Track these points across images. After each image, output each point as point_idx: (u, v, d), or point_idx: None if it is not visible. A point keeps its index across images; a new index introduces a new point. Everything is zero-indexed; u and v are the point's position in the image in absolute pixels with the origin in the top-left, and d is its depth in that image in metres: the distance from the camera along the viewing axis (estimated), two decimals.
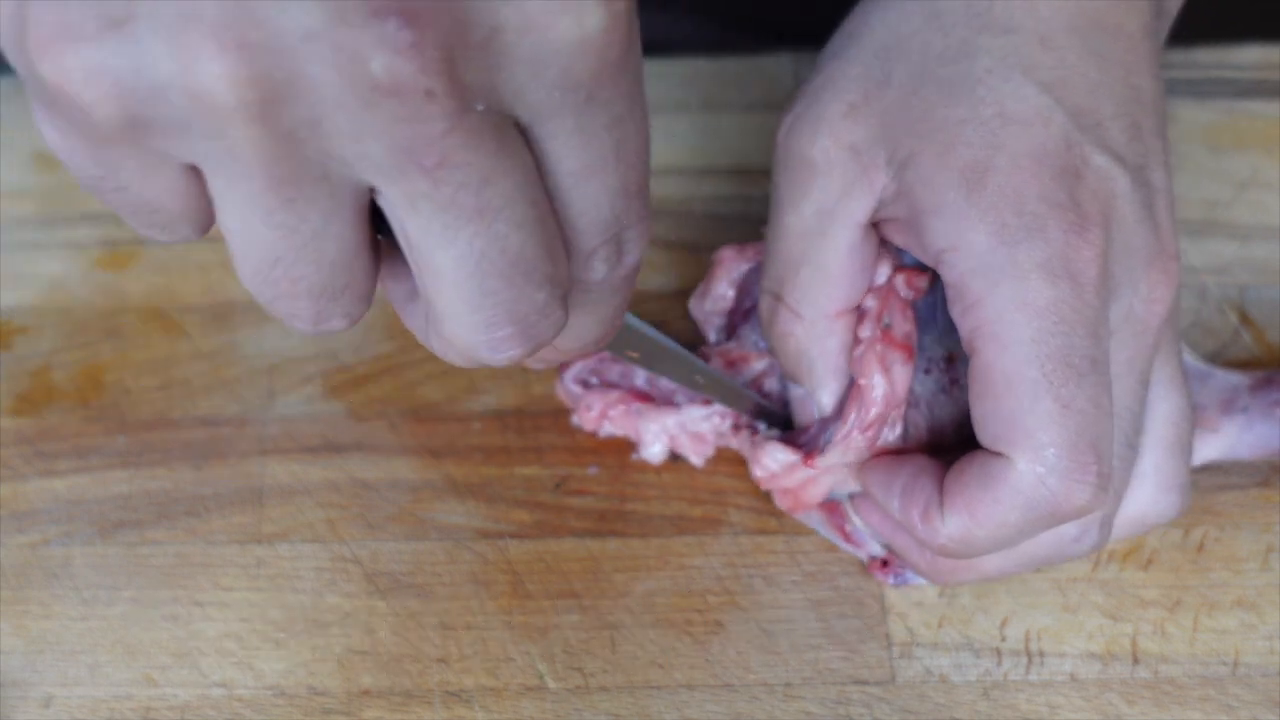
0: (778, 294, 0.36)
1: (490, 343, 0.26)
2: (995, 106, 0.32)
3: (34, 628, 0.38)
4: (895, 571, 0.38)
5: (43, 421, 0.42)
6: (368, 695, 0.37)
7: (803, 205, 0.35)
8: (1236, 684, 0.37)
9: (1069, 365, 0.31)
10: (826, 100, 0.34)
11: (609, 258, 0.27)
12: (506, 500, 0.41)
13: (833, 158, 0.34)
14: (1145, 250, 0.32)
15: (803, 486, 0.38)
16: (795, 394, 0.38)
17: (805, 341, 0.36)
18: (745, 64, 0.51)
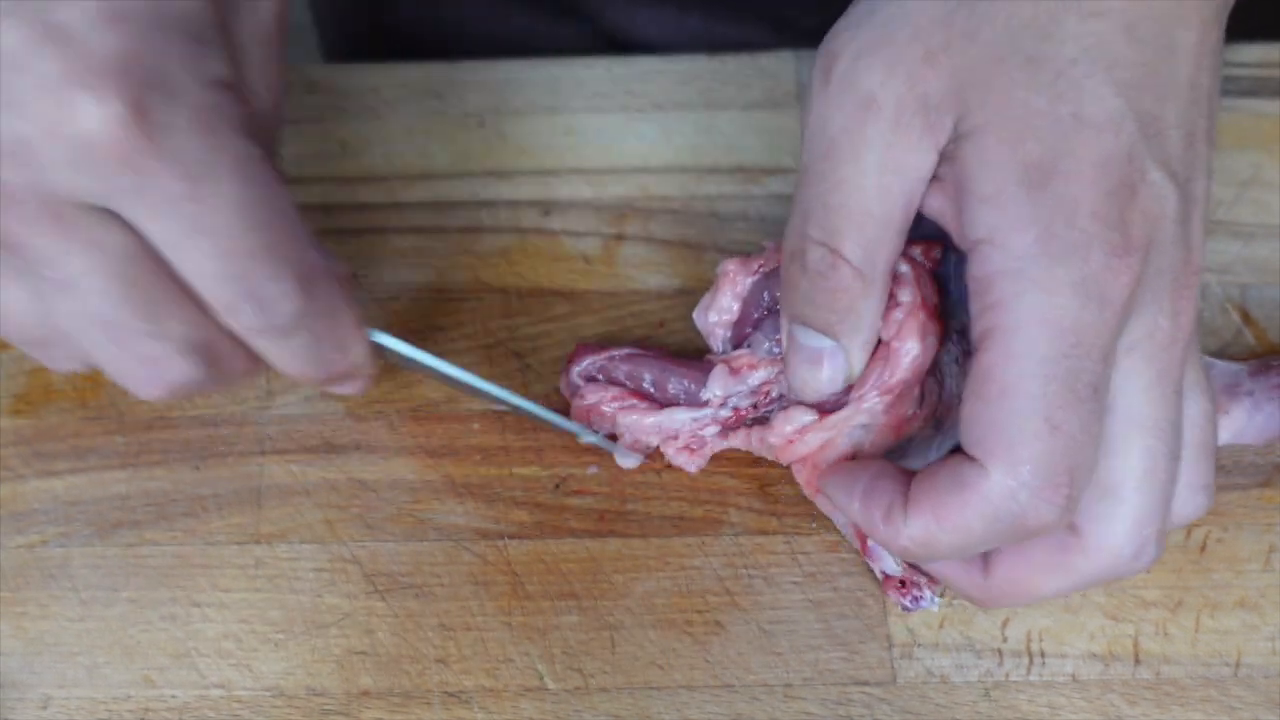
0: (834, 247, 0.33)
1: (129, 386, 0.33)
2: (1073, 105, 0.31)
3: (32, 628, 0.38)
4: (912, 594, 0.37)
5: (41, 422, 0.42)
6: (367, 696, 0.37)
7: (865, 155, 0.32)
8: (1238, 685, 0.37)
9: (1072, 390, 0.31)
10: (903, 40, 0.32)
11: (254, 310, 0.31)
12: (506, 500, 0.40)
13: (904, 105, 0.32)
14: (1174, 270, 0.32)
15: (820, 450, 0.37)
16: (803, 374, 0.37)
17: (860, 298, 0.34)
18: (745, 63, 0.51)
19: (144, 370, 0.32)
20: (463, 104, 0.50)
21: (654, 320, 0.44)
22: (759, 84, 0.50)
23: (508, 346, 0.44)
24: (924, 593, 0.37)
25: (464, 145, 0.49)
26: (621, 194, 0.47)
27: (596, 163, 0.48)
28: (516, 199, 0.47)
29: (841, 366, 0.36)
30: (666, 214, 0.47)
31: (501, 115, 0.50)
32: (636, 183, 0.48)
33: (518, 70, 0.51)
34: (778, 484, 0.41)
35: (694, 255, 0.46)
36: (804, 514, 0.40)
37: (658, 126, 0.49)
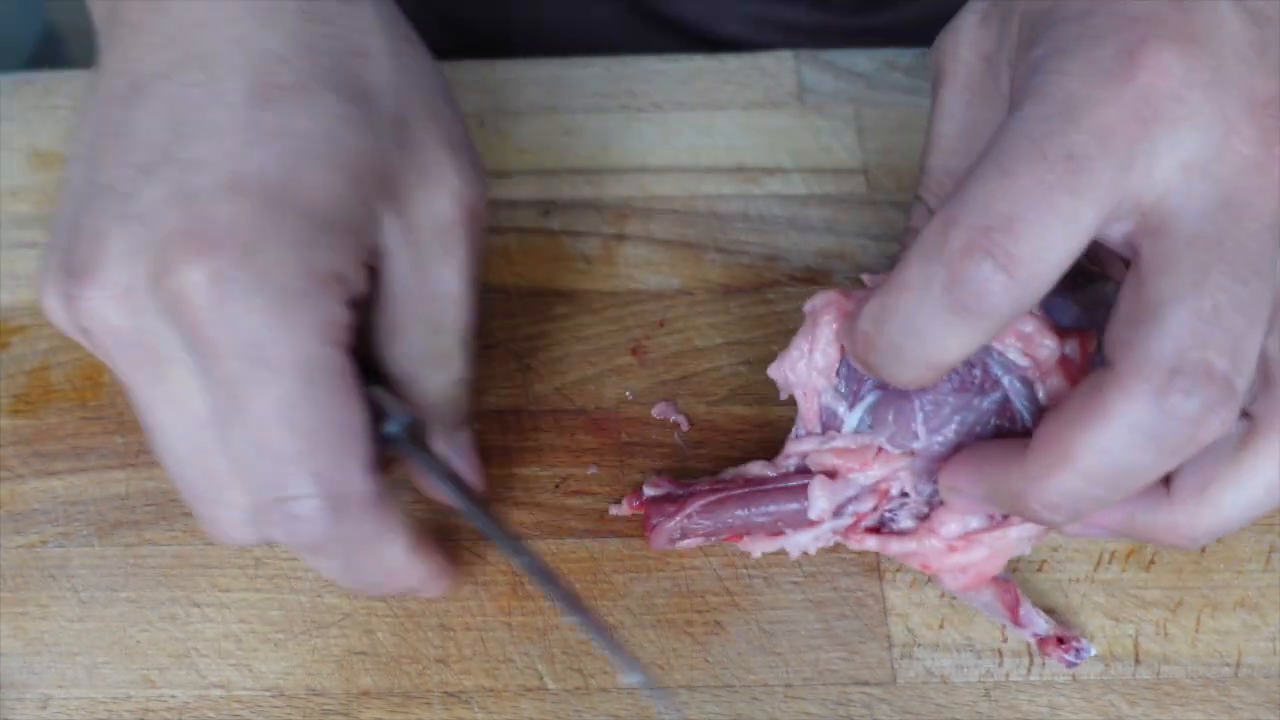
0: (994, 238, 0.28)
1: (213, 537, 0.33)
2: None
3: (32, 628, 0.38)
4: (1073, 648, 0.37)
5: (40, 422, 0.42)
6: (367, 696, 0.37)
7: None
8: (1239, 685, 0.37)
9: (1230, 269, 0.28)
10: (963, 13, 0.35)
11: (282, 521, 0.30)
12: (506, 501, 0.40)
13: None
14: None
15: (988, 559, 0.35)
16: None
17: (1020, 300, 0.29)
18: (745, 63, 0.51)
19: (220, 529, 0.32)
20: (463, 104, 0.50)
21: (654, 320, 0.44)
22: (759, 84, 0.51)
23: (508, 347, 0.44)
24: (1082, 643, 0.37)
25: None
26: (621, 194, 0.47)
27: (596, 163, 0.48)
28: (516, 199, 0.47)
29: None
30: (666, 214, 0.47)
31: (501, 115, 0.50)
32: (636, 183, 0.48)
33: (518, 70, 0.51)
34: None
35: (694, 255, 0.46)
36: None
37: (658, 126, 0.49)
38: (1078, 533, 0.35)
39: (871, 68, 0.51)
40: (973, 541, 0.35)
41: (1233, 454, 0.31)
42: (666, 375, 0.43)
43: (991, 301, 0.28)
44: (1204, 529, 0.32)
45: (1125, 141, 0.28)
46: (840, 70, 0.51)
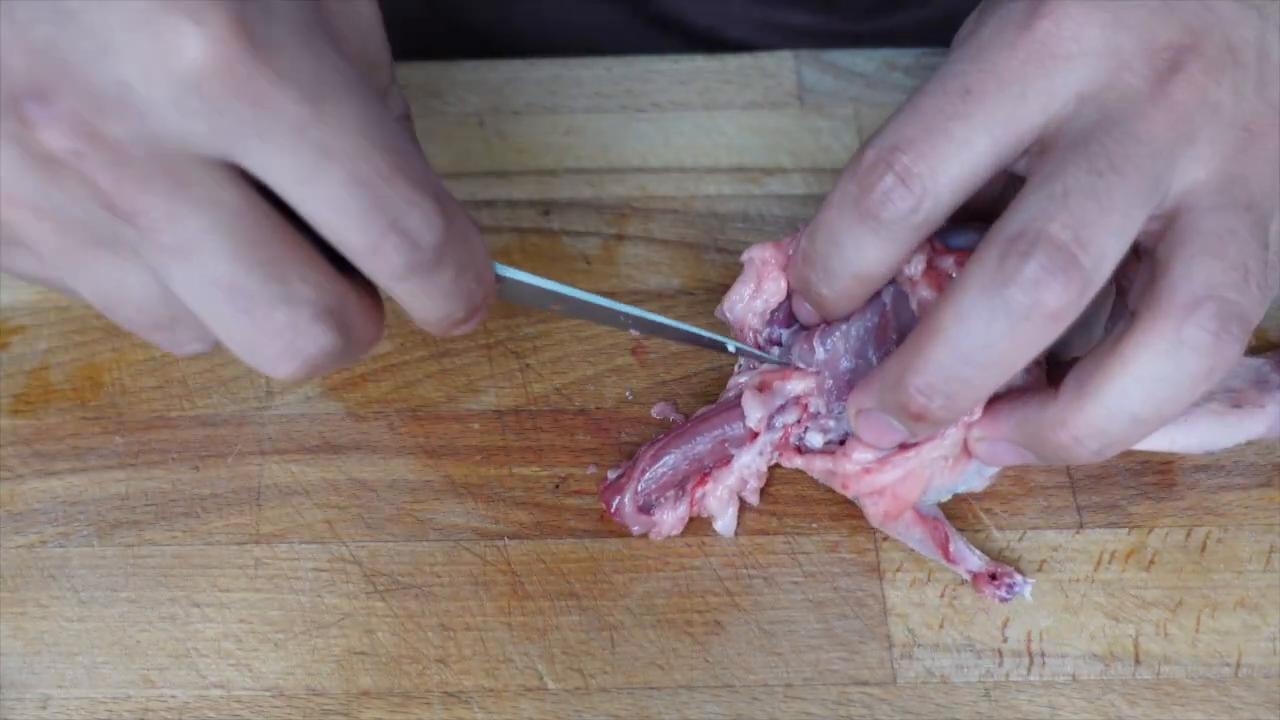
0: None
1: (260, 363, 0.29)
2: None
3: (31, 628, 0.38)
4: (1005, 584, 0.38)
5: (40, 422, 0.42)
6: (367, 696, 0.37)
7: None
8: (1239, 685, 0.37)
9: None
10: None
11: (400, 247, 0.28)
12: (506, 500, 0.40)
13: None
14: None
15: (902, 482, 0.37)
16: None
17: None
18: (746, 62, 0.51)
19: (276, 343, 0.29)
20: (463, 104, 0.50)
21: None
22: (759, 84, 0.50)
23: (507, 346, 0.44)
24: (1015, 578, 0.38)
25: (464, 145, 0.49)
26: (621, 194, 0.47)
27: (596, 163, 0.48)
28: (516, 199, 0.47)
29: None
30: (666, 214, 0.47)
31: (501, 115, 0.50)
32: (636, 183, 0.48)
33: (518, 70, 0.51)
34: (778, 484, 0.41)
35: (694, 255, 0.46)
36: (804, 514, 0.40)
37: (658, 126, 0.49)
38: (990, 458, 0.36)
39: (871, 68, 0.51)
40: (886, 463, 0.37)
41: (1111, 347, 0.32)
42: (666, 375, 0.43)
43: (893, 209, 0.32)
44: (1088, 428, 0.32)
45: (1019, 79, 0.32)
46: (840, 70, 0.51)
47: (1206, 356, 0.31)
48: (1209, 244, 0.31)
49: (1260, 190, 0.32)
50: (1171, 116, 0.31)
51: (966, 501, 0.40)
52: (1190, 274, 0.31)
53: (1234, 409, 0.39)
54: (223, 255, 0.27)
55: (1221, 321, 0.31)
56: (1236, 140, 0.32)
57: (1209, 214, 0.31)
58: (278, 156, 0.27)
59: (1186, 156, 0.32)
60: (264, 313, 0.28)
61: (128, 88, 0.26)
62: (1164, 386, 0.31)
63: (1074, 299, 0.30)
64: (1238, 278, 0.31)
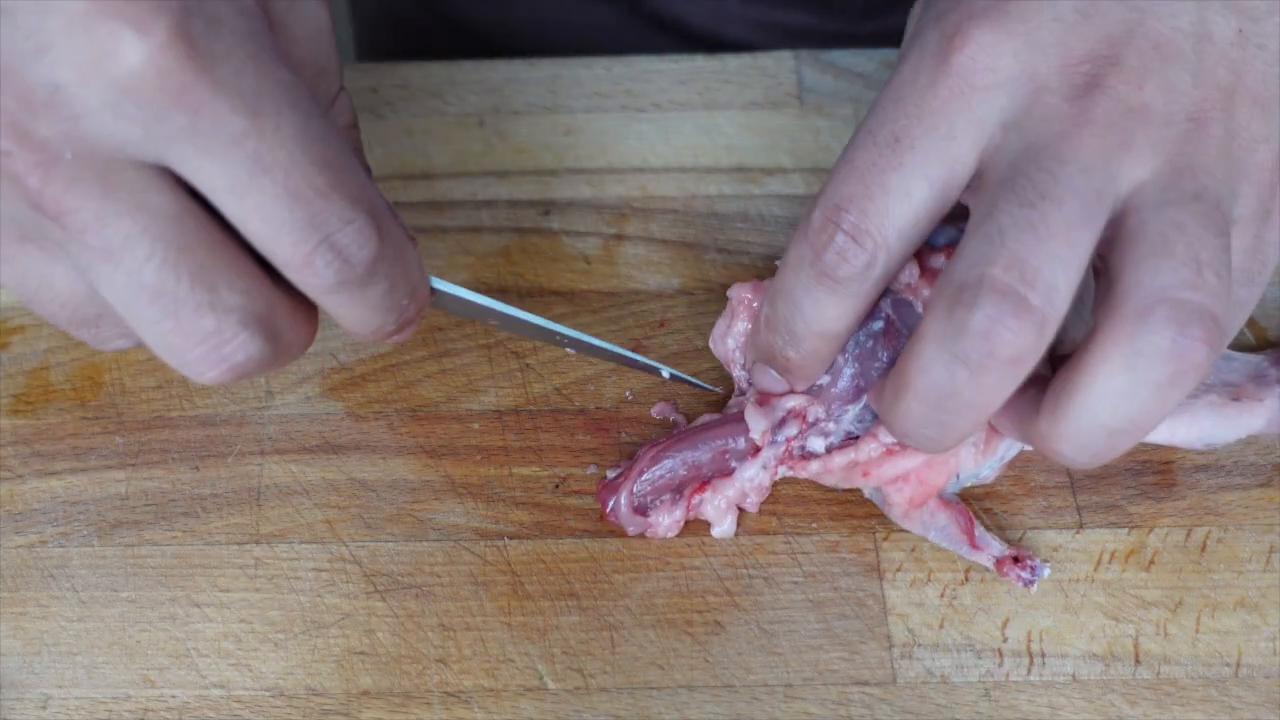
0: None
1: (184, 366, 0.29)
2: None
3: (31, 628, 0.38)
4: (1028, 566, 0.38)
5: (40, 421, 0.42)
6: (367, 696, 0.37)
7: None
8: (1239, 685, 0.37)
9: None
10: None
11: (331, 262, 0.28)
12: (506, 500, 0.40)
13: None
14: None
15: (927, 467, 0.37)
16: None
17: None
18: (745, 63, 0.51)
19: (201, 349, 0.29)
20: (462, 104, 0.50)
21: (654, 320, 0.44)
22: (759, 84, 0.50)
23: (507, 346, 0.44)
24: (1036, 562, 0.38)
25: (464, 145, 0.49)
26: (621, 194, 0.47)
27: (596, 163, 0.48)
28: (516, 199, 0.47)
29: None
30: (666, 214, 0.47)
31: (501, 115, 0.50)
32: (636, 183, 0.48)
33: (518, 70, 0.51)
34: (778, 484, 0.41)
35: (694, 255, 0.46)
36: (804, 514, 0.40)
37: (658, 126, 0.49)
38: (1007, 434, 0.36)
39: (871, 68, 0.51)
40: (909, 449, 0.37)
41: (1072, 365, 0.31)
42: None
43: (848, 268, 0.32)
44: (1067, 441, 0.32)
45: (944, 118, 0.32)
46: (840, 70, 0.51)
47: (1167, 363, 0.30)
48: (1155, 244, 0.30)
49: (1210, 176, 0.31)
50: (1098, 131, 0.31)
51: (967, 501, 0.40)
52: (1139, 280, 0.30)
53: (1233, 402, 0.40)
54: (150, 260, 0.27)
55: (1178, 325, 0.29)
56: (1178, 134, 0.31)
57: (1154, 211, 0.31)
58: (212, 166, 0.27)
59: (1125, 164, 0.31)
60: (190, 318, 0.28)
61: (61, 90, 0.25)
62: (1129, 400, 0.30)
63: (1031, 340, 0.30)
64: (1190, 274, 0.30)
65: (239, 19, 0.27)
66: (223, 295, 0.28)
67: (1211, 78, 0.32)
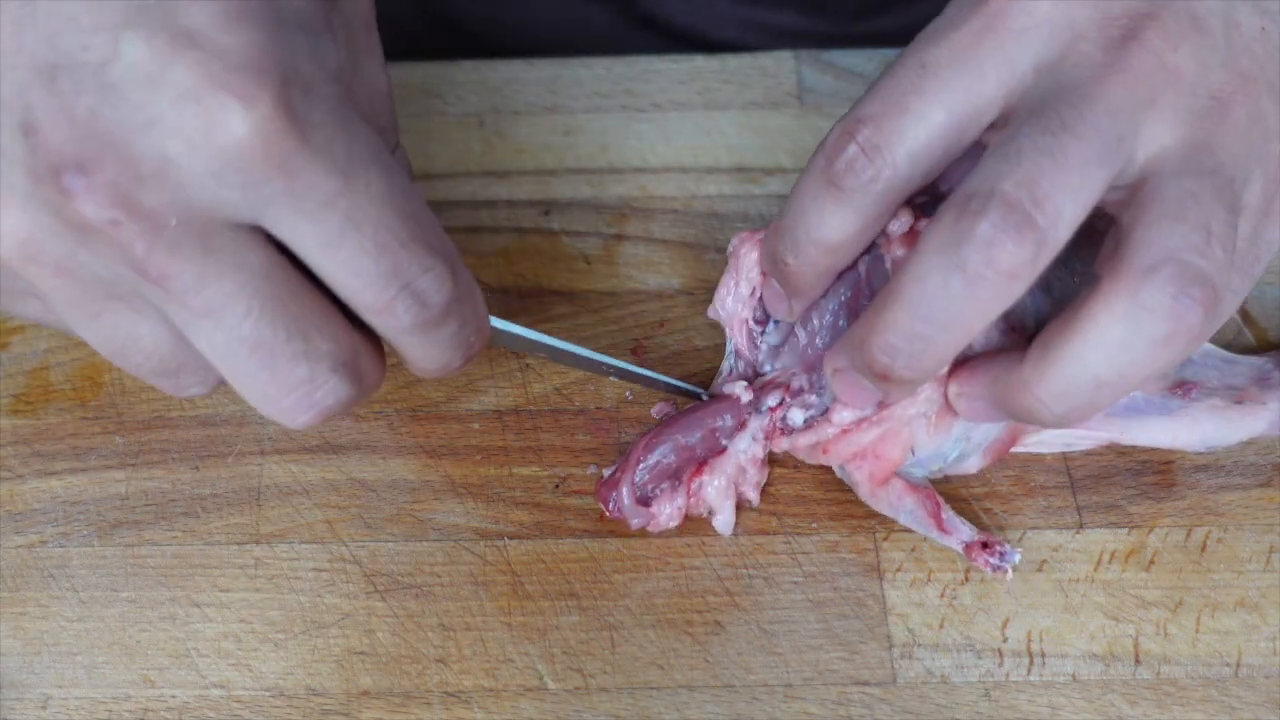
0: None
1: (277, 414, 0.30)
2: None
3: (31, 628, 0.38)
4: (998, 551, 0.38)
5: (40, 421, 0.42)
6: (367, 696, 0.37)
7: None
8: (1239, 685, 0.37)
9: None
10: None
11: (408, 307, 0.30)
12: (506, 500, 0.40)
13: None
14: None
15: (881, 442, 0.38)
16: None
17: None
18: (746, 63, 0.51)
19: (294, 396, 0.30)
20: (462, 104, 0.50)
21: (654, 320, 0.44)
22: (759, 84, 0.51)
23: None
24: (1006, 548, 0.38)
25: (463, 145, 0.49)
26: (621, 194, 0.47)
27: (596, 163, 0.48)
28: (516, 199, 0.47)
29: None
30: (666, 214, 0.47)
31: (501, 115, 0.50)
32: (636, 183, 0.48)
33: (518, 70, 0.51)
34: (777, 484, 0.41)
35: (694, 255, 0.46)
36: (804, 514, 0.40)
37: (658, 126, 0.49)
38: (969, 413, 0.37)
39: (871, 68, 0.51)
40: (864, 423, 0.38)
41: (1071, 313, 0.32)
42: (666, 375, 0.43)
43: (855, 178, 0.33)
44: (1051, 391, 0.32)
45: (974, 54, 0.32)
46: (840, 70, 0.51)
47: (1165, 320, 0.31)
48: (1170, 208, 0.31)
49: (1228, 156, 0.32)
50: (1129, 81, 0.31)
51: (967, 501, 0.40)
52: (1150, 239, 0.31)
53: (1235, 405, 0.40)
54: (249, 316, 0.29)
55: (1180, 284, 0.30)
56: (1203, 108, 0.32)
57: (1171, 179, 0.31)
58: (307, 225, 0.28)
59: (1149, 120, 0.32)
60: (286, 368, 0.29)
61: (170, 161, 0.27)
62: (1124, 351, 0.31)
63: (1029, 257, 0.30)
64: (1199, 240, 0.31)
65: (327, 85, 0.28)
66: (315, 344, 0.30)
67: (1236, 63, 0.33)
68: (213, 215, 0.28)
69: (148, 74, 0.26)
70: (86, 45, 0.26)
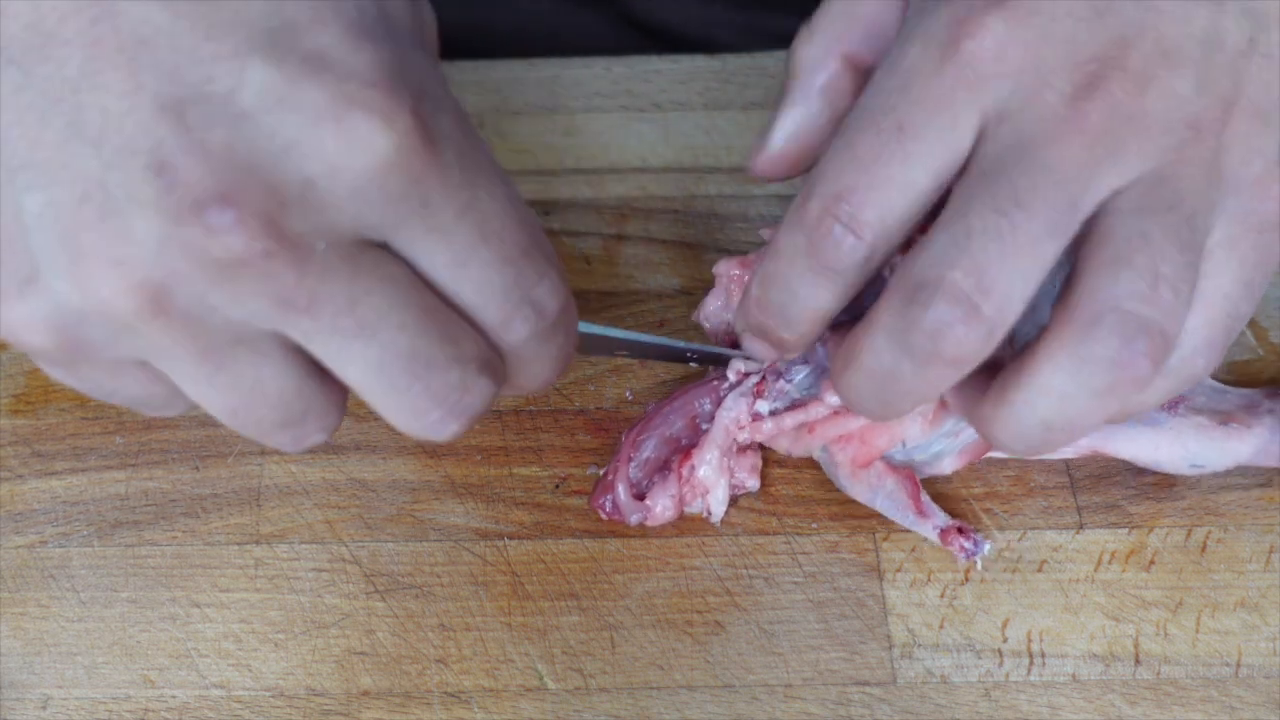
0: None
1: (427, 427, 0.29)
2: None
3: (31, 629, 0.38)
4: (972, 538, 0.38)
5: (40, 421, 0.42)
6: (367, 696, 0.37)
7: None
8: (1239, 685, 0.37)
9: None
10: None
11: (528, 318, 0.30)
12: (506, 501, 0.40)
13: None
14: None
15: (870, 429, 0.38)
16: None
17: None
18: (745, 63, 0.51)
19: (445, 405, 0.29)
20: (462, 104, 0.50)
21: (654, 320, 0.44)
22: (759, 84, 0.51)
23: None
24: (979, 535, 0.38)
25: None
26: (621, 194, 0.47)
27: (596, 163, 0.48)
28: None
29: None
30: (666, 214, 0.47)
31: (501, 115, 0.50)
32: (636, 183, 0.48)
33: (518, 70, 0.51)
34: (778, 484, 0.41)
35: (694, 255, 0.46)
36: (804, 514, 0.40)
37: (658, 126, 0.49)
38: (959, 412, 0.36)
39: None
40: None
41: (1023, 358, 0.32)
42: (666, 375, 0.43)
43: (845, 260, 0.32)
44: (1006, 430, 0.32)
45: (949, 106, 0.31)
46: None
47: (1108, 372, 0.30)
48: (1118, 251, 0.30)
49: (1190, 188, 0.31)
50: (1087, 139, 0.30)
51: (967, 501, 0.40)
52: (1094, 287, 0.30)
53: (1220, 426, 0.39)
54: (404, 327, 0.28)
55: (1123, 336, 0.30)
56: (1174, 142, 0.31)
57: (1123, 218, 0.30)
58: (438, 242, 0.28)
59: (1107, 172, 0.30)
60: (440, 376, 0.29)
61: (313, 184, 0.26)
62: (1068, 401, 0.31)
63: (977, 345, 0.30)
64: (1144, 287, 0.30)
65: (448, 97, 0.28)
66: (464, 347, 0.29)
67: (1215, 87, 0.31)
68: (354, 233, 0.27)
69: (280, 98, 0.25)
70: (211, 76, 0.25)
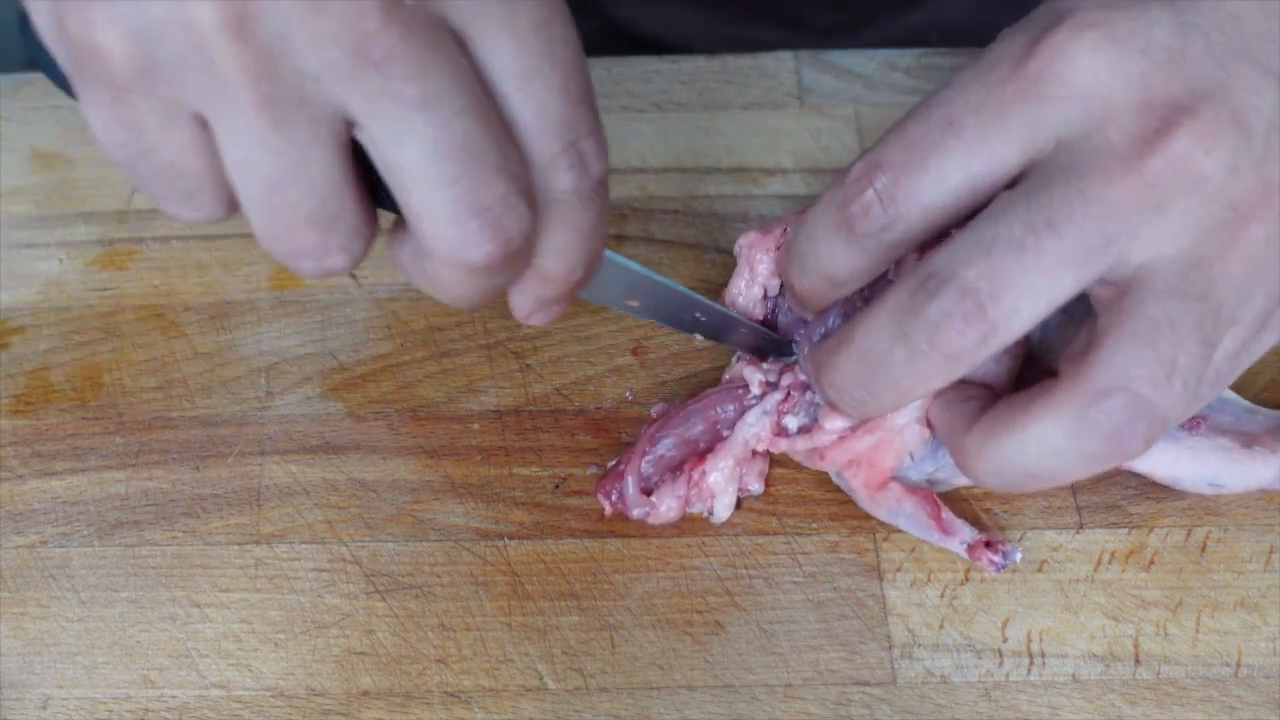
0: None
1: (463, 238, 0.28)
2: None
3: (32, 629, 0.38)
4: (1000, 551, 0.38)
5: (40, 422, 0.42)
6: (367, 696, 0.37)
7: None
8: (1239, 685, 0.37)
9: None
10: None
11: (573, 165, 0.29)
12: (506, 501, 0.40)
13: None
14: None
15: (875, 451, 0.38)
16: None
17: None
18: (746, 63, 0.51)
19: (484, 217, 0.28)
20: None
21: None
22: (759, 84, 0.50)
23: (507, 347, 0.44)
24: (1008, 546, 0.38)
25: None
26: (621, 194, 0.47)
27: None
28: None
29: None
30: (666, 214, 0.47)
31: None
32: (636, 183, 0.48)
33: None
34: (778, 484, 0.41)
35: (694, 255, 0.46)
36: (804, 514, 0.40)
37: (658, 126, 0.49)
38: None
39: (871, 68, 0.51)
40: (859, 430, 0.38)
41: (1023, 401, 0.32)
42: (666, 375, 0.43)
43: (866, 224, 0.33)
44: (985, 465, 0.33)
45: (1002, 118, 0.31)
46: (840, 70, 0.51)
47: (1104, 442, 0.30)
48: (1144, 330, 0.30)
49: (1225, 280, 0.31)
50: (1142, 185, 0.30)
51: (967, 501, 0.40)
52: (1113, 359, 0.30)
53: (1243, 449, 0.38)
54: (465, 113, 0.27)
55: (1128, 415, 0.30)
56: (1216, 220, 0.30)
57: (1156, 297, 0.30)
58: (512, 45, 0.28)
59: (1153, 227, 0.30)
60: (487, 179, 0.28)
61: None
62: (1057, 456, 0.31)
63: (971, 346, 0.31)
64: (1160, 374, 0.30)
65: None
66: (512, 162, 0.29)
67: (1268, 170, 0.31)
68: (438, 8, 0.27)
69: None
70: None
